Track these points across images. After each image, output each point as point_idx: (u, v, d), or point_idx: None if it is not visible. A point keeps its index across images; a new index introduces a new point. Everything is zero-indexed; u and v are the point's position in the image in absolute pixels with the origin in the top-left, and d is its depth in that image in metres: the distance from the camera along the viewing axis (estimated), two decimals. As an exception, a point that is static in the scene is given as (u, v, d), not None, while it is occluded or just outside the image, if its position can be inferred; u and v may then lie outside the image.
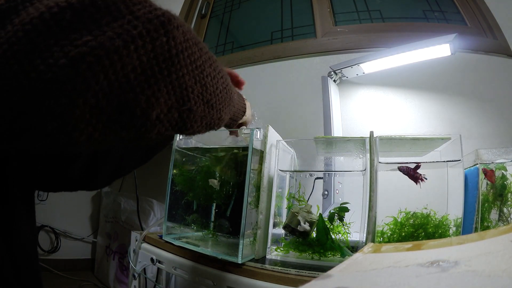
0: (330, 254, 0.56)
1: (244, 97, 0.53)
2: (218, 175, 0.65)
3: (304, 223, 0.56)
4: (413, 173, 0.55)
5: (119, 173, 0.67)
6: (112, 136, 0.24)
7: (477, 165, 0.57)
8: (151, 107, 0.24)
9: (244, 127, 0.59)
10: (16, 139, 0.21)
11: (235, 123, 0.49)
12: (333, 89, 0.99)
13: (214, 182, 0.63)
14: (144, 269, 0.76)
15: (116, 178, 0.70)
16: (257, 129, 0.59)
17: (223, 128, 0.61)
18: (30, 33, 0.20)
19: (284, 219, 0.64)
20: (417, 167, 0.55)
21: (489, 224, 0.55)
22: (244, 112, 0.50)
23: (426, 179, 0.55)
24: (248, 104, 0.52)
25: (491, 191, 0.56)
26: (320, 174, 0.78)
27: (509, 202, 0.55)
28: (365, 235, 0.53)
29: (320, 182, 0.80)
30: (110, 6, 0.22)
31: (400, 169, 0.56)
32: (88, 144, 0.23)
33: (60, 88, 0.20)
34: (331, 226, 0.57)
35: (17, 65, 0.20)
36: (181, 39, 0.25)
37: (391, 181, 0.56)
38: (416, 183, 0.55)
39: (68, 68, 0.20)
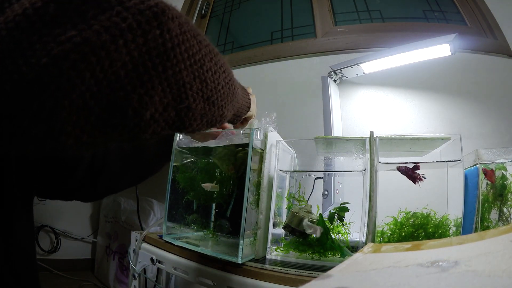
0: (330, 254, 0.56)
1: (250, 90, 0.52)
2: (218, 173, 0.65)
3: (310, 227, 0.56)
4: (411, 173, 0.55)
5: (114, 189, 0.68)
6: (103, 137, 0.22)
7: (477, 165, 0.57)
8: (144, 106, 0.22)
9: (254, 121, 0.59)
10: (3, 144, 0.20)
11: (239, 119, 0.47)
12: (333, 89, 0.99)
13: (208, 186, 0.63)
14: (144, 269, 0.76)
15: (111, 193, 0.71)
16: (257, 129, 0.59)
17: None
18: (13, 31, 0.19)
19: (284, 219, 0.63)
20: (416, 167, 0.55)
21: (489, 224, 0.55)
22: (249, 107, 0.48)
23: (425, 178, 0.55)
24: (253, 99, 0.51)
25: (491, 191, 0.56)
26: (320, 174, 0.78)
27: (509, 202, 0.55)
28: (365, 235, 0.53)
29: (320, 182, 0.80)
30: None
31: (399, 169, 0.56)
32: (77, 146, 0.22)
33: (44, 89, 0.19)
34: (331, 226, 0.57)
35: (0, 66, 0.18)
36: (177, 31, 0.23)
37: (391, 181, 0.56)
38: (415, 183, 0.55)
39: (50, 67, 0.19)
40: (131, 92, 0.21)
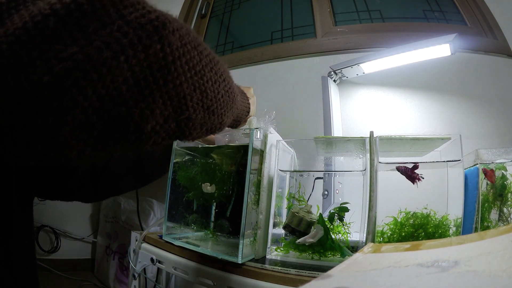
0: (330, 254, 0.56)
1: (252, 91, 0.52)
2: (218, 171, 0.65)
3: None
4: (410, 173, 0.55)
5: (114, 191, 0.68)
6: (105, 151, 0.23)
7: (477, 165, 0.57)
8: (145, 120, 0.22)
9: (253, 120, 0.59)
10: (6, 156, 0.20)
11: (238, 124, 0.48)
12: (333, 89, 0.99)
13: (208, 188, 0.62)
14: (144, 269, 0.76)
15: (112, 195, 0.71)
16: (257, 129, 0.59)
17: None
18: (14, 45, 0.19)
19: (284, 219, 0.63)
20: (415, 167, 0.55)
21: (489, 224, 0.55)
22: (248, 112, 0.49)
23: (423, 178, 0.55)
24: (253, 100, 0.52)
25: (491, 191, 0.56)
26: (320, 174, 0.78)
27: (509, 202, 0.55)
28: (365, 235, 0.53)
29: (320, 182, 0.80)
30: (98, 10, 0.20)
31: (398, 169, 0.56)
32: (80, 159, 0.22)
33: (46, 106, 0.19)
34: (331, 226, 0.57)
35: (1, 81, 0.18)
36: (178, 44, 0.23)
37: (391, 181, 0.56)
38: (413, 183, 0.55)
39: (53, 85, 0.19)
40: (132, 106, 0.22)
